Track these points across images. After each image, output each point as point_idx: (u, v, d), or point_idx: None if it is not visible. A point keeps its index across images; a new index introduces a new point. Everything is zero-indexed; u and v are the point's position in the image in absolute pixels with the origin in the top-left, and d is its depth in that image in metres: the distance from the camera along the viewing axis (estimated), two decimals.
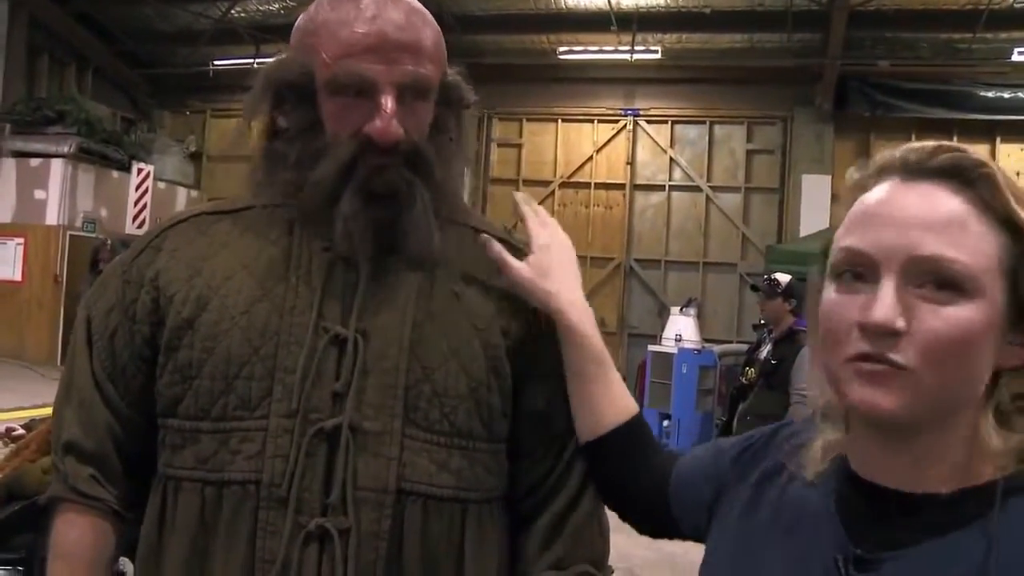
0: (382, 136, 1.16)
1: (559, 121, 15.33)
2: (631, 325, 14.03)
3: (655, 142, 14.99)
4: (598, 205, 15.09)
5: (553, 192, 15.32)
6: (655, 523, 1.23)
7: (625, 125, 15.07)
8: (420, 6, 1.24)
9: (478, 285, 1.26)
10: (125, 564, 1.86)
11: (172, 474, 1.21)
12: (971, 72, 13.34)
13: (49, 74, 15.86)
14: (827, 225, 12.14)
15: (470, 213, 1.37)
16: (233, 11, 14.75)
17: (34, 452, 3.65)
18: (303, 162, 1.21)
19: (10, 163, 14.33)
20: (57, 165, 13.99)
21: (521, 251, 1.31)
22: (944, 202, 0.81)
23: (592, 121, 15.22)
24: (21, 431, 4.06)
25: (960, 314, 0.79)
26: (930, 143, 0.85)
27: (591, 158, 15.16)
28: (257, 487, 1.14)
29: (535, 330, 1.28)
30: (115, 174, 14.57)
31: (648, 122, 15.02)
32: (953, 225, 0.80)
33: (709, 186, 14.60)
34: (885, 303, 0.79)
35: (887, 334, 0.79)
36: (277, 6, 14.58)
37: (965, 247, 0.80)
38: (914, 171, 0.84)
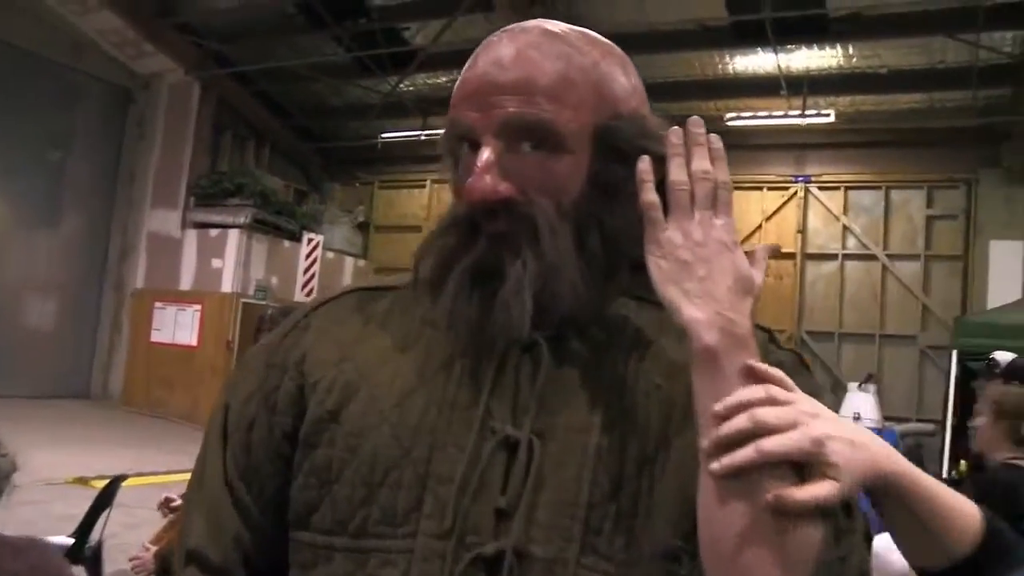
0: (470, 195, 0.95)
1: None
2: None
3: (827, 209, 14.38)
4: (768, 275, 14.43)
5: None
6: None
7: (796, 192, 14.54)
8: (560, 32, 1.00)
9: (684, 375, 0.92)
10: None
11: None
12: None
13: (231, 150, 16.75)
14: (1020, 296, 11.20)
15: None
16: (401, 85, 15.16)
17: None
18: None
19: (192, 234, 15.17)
20: (233, 235, 14.65)
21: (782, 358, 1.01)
22: None
23: (761, 188, 14.74)
24: (179, 502, 4.02)
25: None
26: None
27: (760, 227, 14.65)
28: None
29: None
30: (286, 244, 15.14)
31: (820, 188, 14.44)
32: None
33: (886, 254, 13.86)
34: None
35: None
36: (444, 79, 14.87)
37: None
38: None
